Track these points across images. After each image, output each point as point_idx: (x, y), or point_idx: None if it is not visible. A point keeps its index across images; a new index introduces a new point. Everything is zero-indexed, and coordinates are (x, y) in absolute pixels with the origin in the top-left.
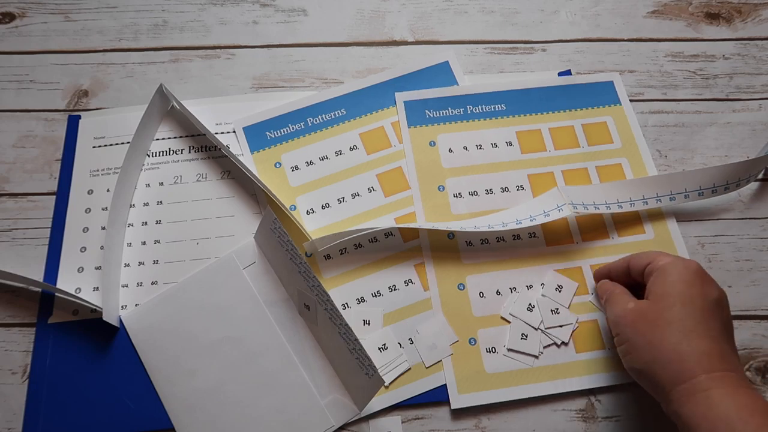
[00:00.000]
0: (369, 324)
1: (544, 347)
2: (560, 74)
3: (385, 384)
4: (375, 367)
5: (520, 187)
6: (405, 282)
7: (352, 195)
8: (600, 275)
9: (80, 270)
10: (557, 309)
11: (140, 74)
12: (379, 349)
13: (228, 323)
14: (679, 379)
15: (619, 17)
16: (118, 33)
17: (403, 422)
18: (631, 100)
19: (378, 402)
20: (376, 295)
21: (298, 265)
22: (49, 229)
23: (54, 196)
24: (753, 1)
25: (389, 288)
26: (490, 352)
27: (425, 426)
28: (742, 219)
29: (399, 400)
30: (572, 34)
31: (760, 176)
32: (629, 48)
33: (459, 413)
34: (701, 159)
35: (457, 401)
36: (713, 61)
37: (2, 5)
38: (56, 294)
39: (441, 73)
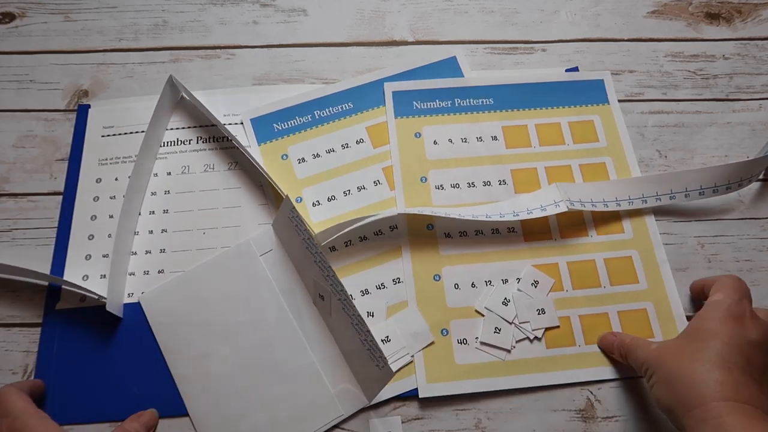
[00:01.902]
0: (373, 316)
1: (517, 341)
2: (567, 71)
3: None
4: (386, 359)
5: (502, 182)
6: None
7: (358, 188)
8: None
9: (88, 257)
10: (532, 304)
11: (140, 74)
12: (383, 341)
13: (243, 309)
14: (692, 404)
15: (619, 17)
16: (118, 33)
17: (403, 422)
18: (631, 101)
19: (380, 393)
20: (380, 287)
21: (314, 255)
22: (55, 229)
23: (55, 196)
24: (753, 1)
25: (393, 280)
26: (461, 343)
27: (425, 426)
28: (742, 219)
29: (401, 392)
30: (572, 34)
31: (760, 176)
32: (629, 48)
33: (459, 413)
34: (701, 159)
35: (425, 390)
36: (713, 61)
37: (2, 5)
38: (63, 287)
39: (448, 69)
